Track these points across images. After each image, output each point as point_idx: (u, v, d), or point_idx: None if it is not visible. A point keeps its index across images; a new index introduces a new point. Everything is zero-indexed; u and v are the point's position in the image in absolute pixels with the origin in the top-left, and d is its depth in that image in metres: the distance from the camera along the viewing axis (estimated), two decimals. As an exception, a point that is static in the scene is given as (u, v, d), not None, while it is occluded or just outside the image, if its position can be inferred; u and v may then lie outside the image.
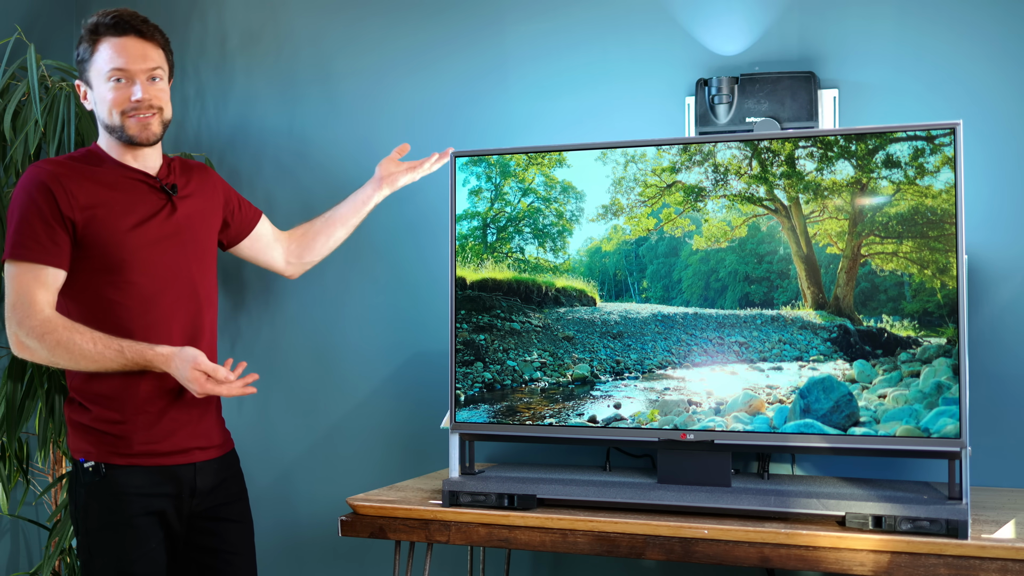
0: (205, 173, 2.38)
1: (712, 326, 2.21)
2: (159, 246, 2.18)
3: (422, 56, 2.94)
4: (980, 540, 1.85)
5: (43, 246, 2.09)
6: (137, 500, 2.14)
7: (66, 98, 2.75)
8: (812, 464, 2.53)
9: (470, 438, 2.37)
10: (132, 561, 2.13)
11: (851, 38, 2.55)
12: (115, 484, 2.13)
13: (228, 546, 2.29)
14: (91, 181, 2.15)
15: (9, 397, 2.72)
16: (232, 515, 2.31)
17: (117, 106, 2.15)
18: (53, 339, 2.06)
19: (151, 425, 2.16)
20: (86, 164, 2.18)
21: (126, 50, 2.15)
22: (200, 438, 2.24)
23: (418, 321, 2.90)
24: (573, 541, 2.07)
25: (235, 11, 3.15)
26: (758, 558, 1.95)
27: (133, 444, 2.14)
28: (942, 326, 2.03)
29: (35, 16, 3.16)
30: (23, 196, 2.12)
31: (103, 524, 2.13)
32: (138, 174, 2.21)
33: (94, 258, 2.13)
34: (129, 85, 2.15)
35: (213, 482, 2.26)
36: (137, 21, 2.17)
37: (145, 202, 2.19)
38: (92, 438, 2.15)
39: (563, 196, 2.32)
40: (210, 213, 2.34)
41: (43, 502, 3.05)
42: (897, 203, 2.06)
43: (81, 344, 2.06)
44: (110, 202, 2.15)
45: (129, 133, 2.16)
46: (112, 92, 2.15)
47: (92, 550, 2.14)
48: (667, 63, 2.69)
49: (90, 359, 2.07)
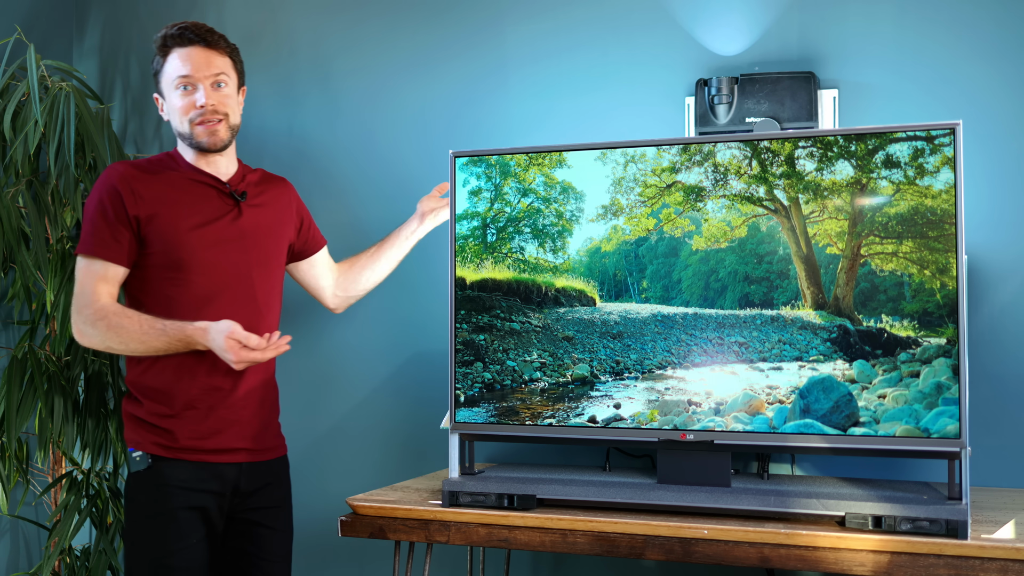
0: (284, 187, 2.47)
1: (712, 326, 2.21)
2: (220, 248, 2.27)
3: (422, 56, 2.94)
4: (980, 540, 1.85)
5: (106, 243, 2.20)
6: (180, 494, 2.21)
7: (66, 98, 2.75)
8: (812, 464, 2.53)
9: (470, 438, 2.37)
10: (171, 553, 2.20)
11: (851, 38, 2.55)
12: (161, 476, 2.22)
13: (264, 553, 2.35)
14: (160, 182, 2.25)
15: (9, 397, 2.72)
16: (272, 522, 2.36)
17: (184, 113, 2.25)
18: (105, 324, 2.16)
19: (199, 421, 2.23)
20: (159, 166, 2.29)
21: (191, 58, 2.25)
22: (248, 439, 2.30)
23: (418, 321, 2.90)
24: (573, 541, 2.07)
25: (235, 11, 3.15)
26: (758, 558, 1.95)
27: (180, 438, 2.22)
28: (942, 326, 2.03)
29: (35, 16, 3.16)
30: (95, 196, 2.24)
31: (146, 514, 2.22)
32: (208, 178, 2.30)
33: (156, 255, 2.23)
34: (194, 92, 2.25)
35: (257, 485, 2.32)
36: (202, 31, 2.27)
37: (211, 205, 2.28)
38: (143, 430, 2.24)
39: (563, 196, 2.32)
40: (280, 225, 2.41)
41: (43, 502, 3.05)
42: (897, 203, 2.06)
43: (128, 326, 2.16)
44: (175, 202, 2.24)
45: (198, 140, 2.26)
46: (180, 100, 2.25)
47: (134, 538, 2.23)
48: (667, 63, 2.69)
49: (137, 340, 2.17)
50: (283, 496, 2.39)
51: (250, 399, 2.30)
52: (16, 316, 2.98)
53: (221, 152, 2.30)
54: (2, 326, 3.05)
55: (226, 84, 2.28)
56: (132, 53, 3.26)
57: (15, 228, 2.70)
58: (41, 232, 2.75)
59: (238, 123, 2.32)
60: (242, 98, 2.36)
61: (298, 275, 2.59)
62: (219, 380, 2.24)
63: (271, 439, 2.37)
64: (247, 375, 2.29)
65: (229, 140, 2.30)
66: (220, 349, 2.14)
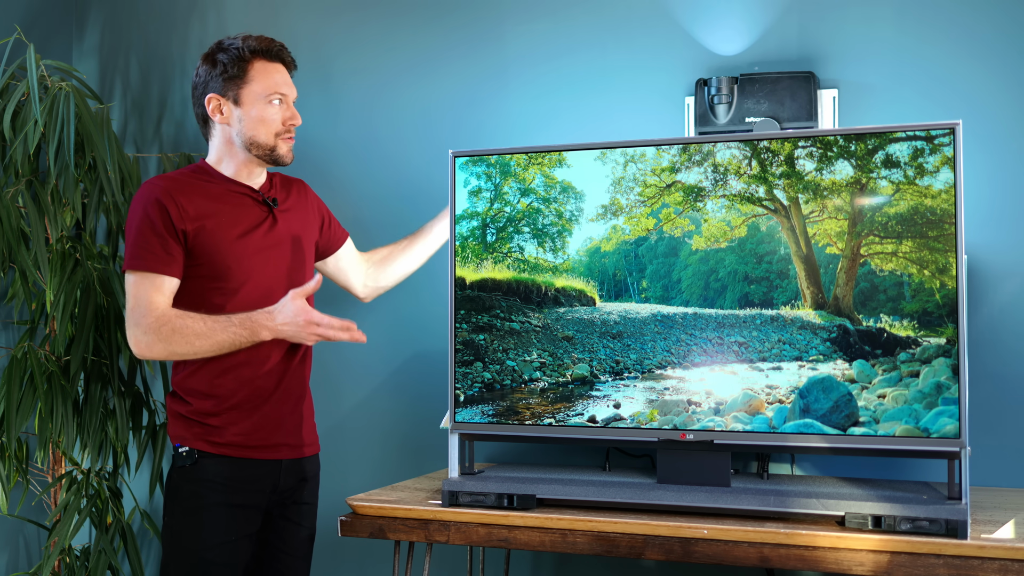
0: (303, 189, 2.51)
1: (712, 326, 2.21)
2: (262, 255, 2.31)
3: (423, 57, 2.94)
4: (979, 540, 1.85)
5: (157, 256, 2.21)
6: (222, 489, 2.25)
7: (65, 98, 2.74)
8: (812, 464, 2.53)
9: (470, 438, 2.37)
10: (209, 548, 2.23)
11: (851, 38, 2.55)
12: (204, 471, 2.25)
13: (287, 547, 2.39)
14: (200, 195, 2.27)
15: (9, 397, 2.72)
16: (299, 518, 2.40)
17: (275, 126, 2.30)
18: (169, 328, 2.18)
19: (243, 419, 2.27)
20: (196, 179, 2.32)
21: (283, 75, 2.33)
22: (289, 435, 2.35)
23: (418, 321, 2.90)
24: (572, 541, 2.07)
25: (235, 11, 3.15)
26: (757, 558, 1.95)
27: (225, 434, 2.26)
28: (941, 326, 2.03)
29: (35, 16, 3.16)
30: (139, 211, 2.24)
31: (187, 508, 2.26)
32: (243, 187, 2.34)
33: (203, 266, 2.26)
34: (288, 109, 2.32)
35: (293, 482, 2.37)
36: (285, 52, 2.35)
37: (249, 214, 2.32)
38: (187, 425, 2.28)
39: (563, 196, 2.32)
40: (307, 226, 2.45)
41: (43, 502, 3.05)
42: (896, 203, 2.06)
43: (192, 325, 2.18)
44: (218, 214, 2.27)
45: (279, 152, 2.33)
46: (273, 113, 2.31)
47: (174, 532, 2.27)
48: (666, 63, 2.69)
49: (203, 337, 2.18)
50: (312, 494, 2.44)
51: (289, 396, 2.34)
52: (16, 316, 2.98)
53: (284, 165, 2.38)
54: (2, 326, 3.05)
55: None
56: (132, 53, 3.26)
57: (15, 228, 2.70)
58: (41, 232, 2.75)
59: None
60: None
61: (326, 270, 2.62)
62: (262, 380, 2.29)
63: (309, 435, 2.42)
64: (288, 375, 2.34)
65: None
66: (294, 325, 2.19)
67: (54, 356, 2.84)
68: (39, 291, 2.90)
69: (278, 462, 2.32)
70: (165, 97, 3.22)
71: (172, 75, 3.21)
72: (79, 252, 2.86)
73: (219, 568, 2.23)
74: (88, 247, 2.90)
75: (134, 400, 2.95)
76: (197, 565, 2.23)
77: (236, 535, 2.26)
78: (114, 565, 2.87)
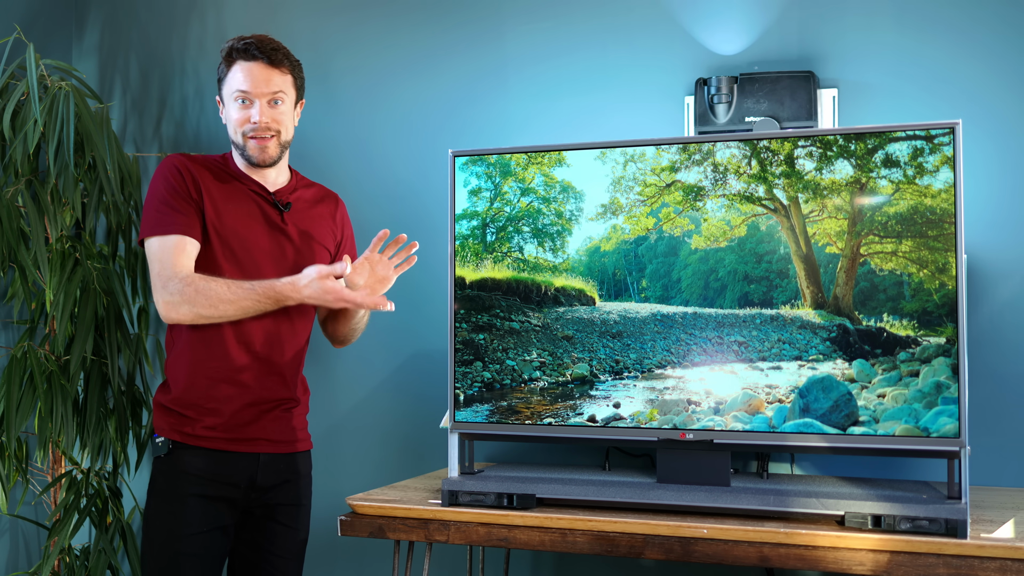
0: (332, 203, 2.49)
1: (711, 325, 2.21)
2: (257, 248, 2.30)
3: (422, 56, 2.94)
4: (979, 539, 1.85)
5: (178, 219, 2.23)
6: (196, 481, 2.25)
7: (65, 97, 2.74)
8: (811, 463, 2.53)
9: (469, 438, 2.37)
10: (180, 538, 2.22)
11: (850, 38, 2.55)
12: (179, 462, 2.26)
13: (276, 549, 2.37)
14: (212, 177, 2.31)
15: (8, 397, 2.72)
16: (287, 519, 2.38)
17: (239, 126, 2.30)
18: (193, 289, 2.18)
19: (220, 411, 2.26)
20: (213, 165, 2.35)
21: (252, 74, 2.28)
22: (268, 430, 2.32)
23: (417, 321, 2.90)
24: (572, 540, 2.07)
25: (235, 11, 3.15)
26: (757, 558, 1.95)
27: (197, 426, 2.25)
28: (941, 325, 2.03)
29: (35, 16, 3.16)
30: (158, 179, 2.28)
31: (162, 499, 2.26)
32: (255, 185, 2.35)
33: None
34: (250, 107, 2.29)
35: (274, 481, 2.34)
36: (267, 48, 2.30)
37: (253, 209, 2.33)
38: (166, 416, 2.28)
39: (562, 196, 2.32)
40: (319, 237, 2.42)
41: (42, 502, 3.05)
42: (896, 202, 2.06)
43: (217, 289, 2.18)
44: (222, 199, 2.29)
45: (248, 153, 2.32)
46: (237, 112, 2.30)
47: (149, 521, 2.28)
48: (666, 63, 2.69)
49: (228, 301, 2.18)
50: (300, 495, 2.40)
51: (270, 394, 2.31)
52: (16, 316, 2.98)
53: (270, 166, 2.35)
54: (2, 326, 3.05)
55: (283, 101, 2.32)
56: (131, 52, 3.26)
57: (15, 228, 2.70)
58: (40, 232, 2.75)
59: (290, 139, 2.36)
60: (299, 111, 2.39)
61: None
62: (240, 373, 2.27)
63: (293, 432, 2.37)
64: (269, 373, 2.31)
65: (279, 156, 2.34)
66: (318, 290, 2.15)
67: (54, 356, 2.84)
68: (39, 291, 2.90)
69: (255, 456, 2.30)
70: (165, 97, 3.22)
71: (172, 75, 3.21)
72: (79, 252, 2.85)
73: (191, 559, 2.23)
74: (88, 246, 2.89)
75: (134, 400, 2.95)
76: (171, 556, 2.22)
77: (208, 527, 2.25)
78: (114, 565, 2.87)
